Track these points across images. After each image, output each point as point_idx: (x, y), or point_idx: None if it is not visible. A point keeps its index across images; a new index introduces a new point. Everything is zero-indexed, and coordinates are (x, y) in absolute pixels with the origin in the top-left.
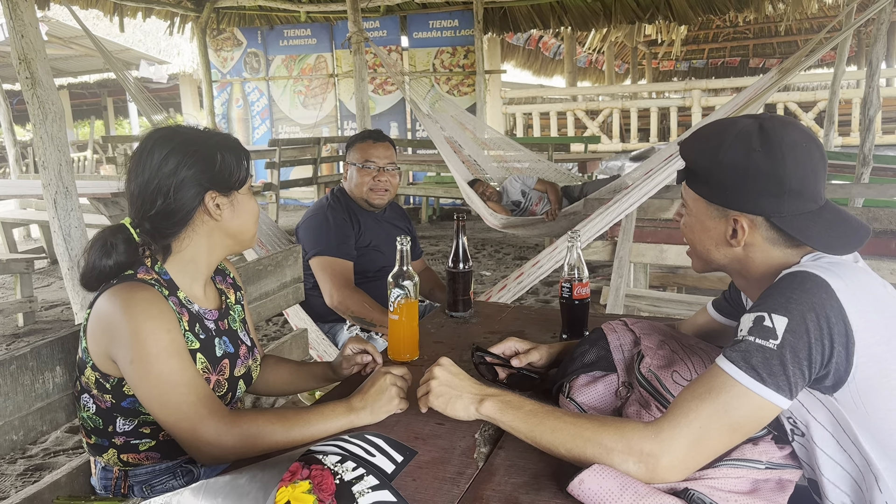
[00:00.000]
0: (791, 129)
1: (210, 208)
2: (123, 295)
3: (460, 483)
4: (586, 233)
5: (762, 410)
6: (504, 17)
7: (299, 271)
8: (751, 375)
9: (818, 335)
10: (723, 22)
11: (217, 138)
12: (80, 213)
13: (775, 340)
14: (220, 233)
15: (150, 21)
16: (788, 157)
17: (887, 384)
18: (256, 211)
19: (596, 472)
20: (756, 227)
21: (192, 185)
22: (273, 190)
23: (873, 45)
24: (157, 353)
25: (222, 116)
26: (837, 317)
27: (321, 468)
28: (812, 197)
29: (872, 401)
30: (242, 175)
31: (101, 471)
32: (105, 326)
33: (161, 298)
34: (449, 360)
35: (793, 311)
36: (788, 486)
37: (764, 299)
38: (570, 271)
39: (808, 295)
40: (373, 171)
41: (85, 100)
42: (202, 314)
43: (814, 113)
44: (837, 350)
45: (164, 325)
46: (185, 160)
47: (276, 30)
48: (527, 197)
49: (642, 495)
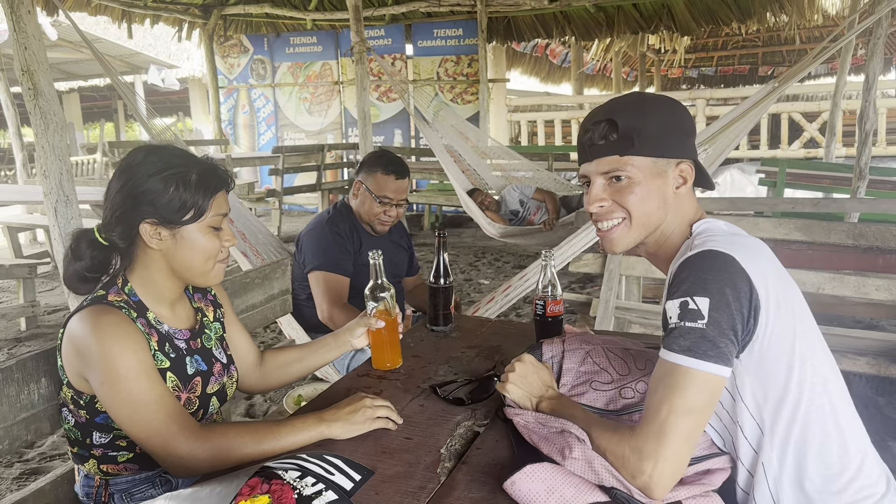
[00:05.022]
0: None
1: (145, 236)
2: (92, 319)
3: (421, 497)
4: (574, 245)
5: (709, 384)
6: (508, 27)
7: (287, 284)
8: (688, 355)
9: (738, 306)
10: (731, 31)
11: (183, 168)
12: (80, 220)
13: (703, 320)
14: (165, 262)
15: (157, 27)
16: (686, 110)
17: (777, 342)
18: (210, 249)
19: (526, 475)
20: (691, 170)
21: (131, 210)
22: (277, 196)
23: (870, 59)
24: (126, 374)
25: (229, 122)
26: (747, 285)
27: (281, 483)
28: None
29: (769, 359)
30: (196, 212)
31: (83, 478)
32: (76, 349)
33: (128, 321)
34: (531, 357)
35: (711, 290)
36: (719, 473)
37: (680, 284)
38: (544, 289)
39: (720, 272)
40: (387, 206)
41: (95, 102)
42: (172, 334)
43: (818, 123)
44: (751, 314)
45: (130, 347)
46: (132, 183)
47: (283, 37)
48: (525, 206)
49: (567, 499)
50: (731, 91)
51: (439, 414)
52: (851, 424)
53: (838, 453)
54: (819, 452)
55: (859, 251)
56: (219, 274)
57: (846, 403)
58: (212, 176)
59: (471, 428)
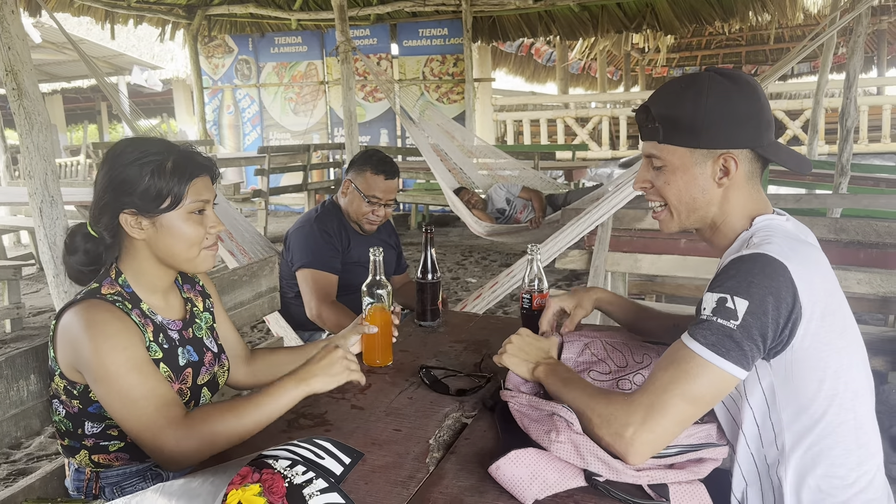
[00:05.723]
0: (744, 74)
1: (125, 227)
2: (85, 315)
3: (410, 486)
4: (559, 241)
5: (721, 382)
6: (493, 26)
7: (275, 281)
8: (712, 350)
9: (775, 316)
10: (715, 29)
11: (160, 156)
12: (65, 221)
13: (735, 321)
14: (150, 251)
15: (142, 27)
16: (758, 91)
17: (814, 355)
18: (192, 237)
19: (511, 460)
20: (740, 161)
21: (111, 201)
22: (263, 196)
23: (850, 57)
24: (116, 371)
25: (213, 123)
26: (792, 297)
27: (272, 472)
28: (774, 127)
29: (799, 370)
30: (174, 199)
31: (73, 472)
32: (70, 343)
33: (120, 315)
34: (528, 330)
35: (753, 295)
36: (709, 463)
37: (725, 279)
38: (531, 283)
39: (768, 279)
40: (375, 205)
41: (79, 104)
42: (166, 325)
43: (801, 121)
44: (788, 325)
45: (121, 343)
46: (111, 174)
47: (267, 37)
48: (511, 205)
49: (550, 484)
50: None
51: (428, 406)
52: (872, 441)
53: (851, 466)
54: (831, 465)
55: (840, 245)
56: (206, 260)
57: (870, 420)
58: (188, 162)
59: (459, 419)
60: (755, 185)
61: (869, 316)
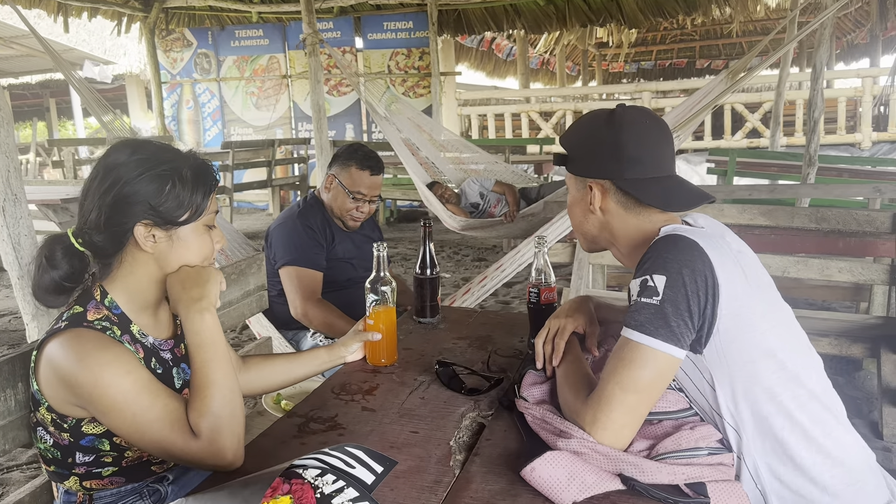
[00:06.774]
0: (634, 111)
1: (139, 239)
2: (75, 347)
3: (438, 491)
4: (549, 235)
5: (657, 361)
6: (458, 19)
7: (263, 279)
8: (640, 331)
9: (693, 287)
10: (670, 24)
11: (176, 164)
12: (29, 220)
13: (657, 297)
14: (156, 266)
15: (95, 21)
16: (626, 130)
17: (742, 337)
18: (205, 250)
19: (547, 461)
20: (607, 192)
21: (126, 211)
22: (227, 193)
23: (817, 49)
24: (124, 399)
25: (172, 118)
26: (708, 270)
27: (301, 482)
28: (652, 166)
29: (732, 353)
30: (194, 211)
31: (63, 494)
32: (61, 380)
33: (112, 343)
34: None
35: (669, 269)
36: (730, 469)
37: (643, 263)
38: (538, 276)
39: (681, 253)
40: (360, 202)
41: (26, 101)
42: (157, 346)
43: (760, 114)
44: (709, 300)
45: (122, 369)
46: (122, 182)
47: (227, 30)
48: (485, 199)
49: (588, 486)
50: (675, 83)
51: (442, 406)
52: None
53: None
54: (803, 438)
55: (820, 235)
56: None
57: (826, 392)
58: (206, 172)
59: (476, 419)
60: (640, 213)
61: (839, 304)
